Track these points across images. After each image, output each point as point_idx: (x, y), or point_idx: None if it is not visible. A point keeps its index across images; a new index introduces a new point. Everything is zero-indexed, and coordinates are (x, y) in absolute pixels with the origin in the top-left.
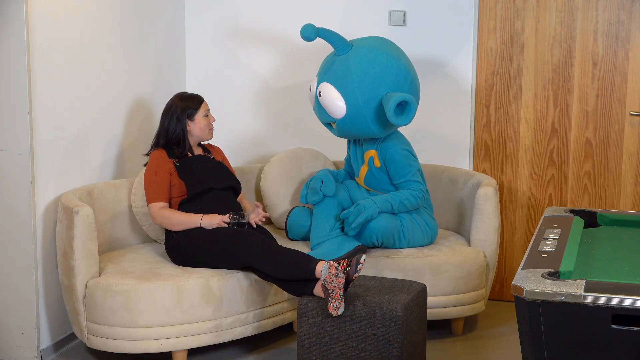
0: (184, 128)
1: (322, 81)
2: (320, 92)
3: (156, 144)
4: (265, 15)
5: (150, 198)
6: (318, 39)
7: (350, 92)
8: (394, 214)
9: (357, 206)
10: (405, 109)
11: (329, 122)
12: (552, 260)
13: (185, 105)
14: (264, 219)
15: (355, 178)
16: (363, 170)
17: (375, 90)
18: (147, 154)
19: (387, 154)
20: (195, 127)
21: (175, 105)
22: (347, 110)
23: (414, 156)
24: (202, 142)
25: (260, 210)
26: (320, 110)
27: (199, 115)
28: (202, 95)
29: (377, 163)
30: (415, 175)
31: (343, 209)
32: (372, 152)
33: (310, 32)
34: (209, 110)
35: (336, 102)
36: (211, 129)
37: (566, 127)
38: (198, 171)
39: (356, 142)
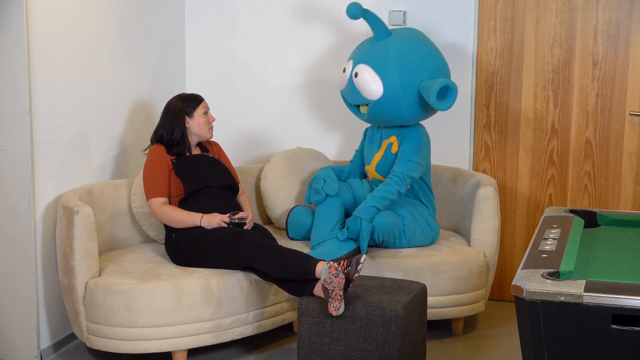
0: (183, 126)
1: (360, 62)
2: (356, 72)
3: (157, 140)
4: (265, 16)
5: (150, 193)
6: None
7: (389, 75)
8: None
9: (348, 230)
10: (447, 94)
11: (358, 105)
12: (552, 260)
13: (185, 104)
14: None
15: (366, 167)
16: (377, 156)
17: (414, 76)
18: (146, 149)
19: (407, 135)
20: (194, 124)
21: (175, 104)
22: (384, 93)
23: (427, 153)
24: (201, 141)
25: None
26: (353, 91)
27: (198, 112)
28: (202, 95)
29: (395, 148)
30: (409, 162)
31: (345, 209)
32: (392, 139)
33: (356, 10)
34: (208, 109)
35: (372, 85)
36: (210, 128)
37: (566, 127)
38: (195, 169)
39: (375, 128)
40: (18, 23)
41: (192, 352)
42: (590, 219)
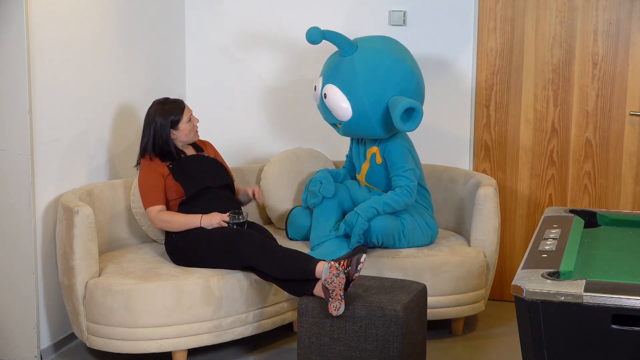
0: (168, 138)
1: (328, 83)
2: (325, 93)
3: (143, 155)
4: (265, 16)
5: (147, 202)
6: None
7: (356, 95)
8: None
9: (345, 223)
10: (412, 115)
11: (334, 123)
12: (552, 260)
13: (167, 116)
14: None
15: (357, 175)
16: (365, 167)
17: (381, 93)
18: (137, 164)
19: (387, 148)
20: (180, 134)
21: (157, 116)
22: (353, 113)
23: (413, 156)
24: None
25: (258, 196)
26: (325, 111)
27: (183, 123)
28: (202, 96)
29: (379, 159)
30: (407, 172)
31: (343, 210)
32: (374, 149)
33: (315, 36)
34: (191, 112)
35: (342, 105)
36: (196, 131)
37: (566, 127)
38: (192, 171)
39: (359, 140)
40: (18, 23)
41: (192, 352)
42: (590, 219)
